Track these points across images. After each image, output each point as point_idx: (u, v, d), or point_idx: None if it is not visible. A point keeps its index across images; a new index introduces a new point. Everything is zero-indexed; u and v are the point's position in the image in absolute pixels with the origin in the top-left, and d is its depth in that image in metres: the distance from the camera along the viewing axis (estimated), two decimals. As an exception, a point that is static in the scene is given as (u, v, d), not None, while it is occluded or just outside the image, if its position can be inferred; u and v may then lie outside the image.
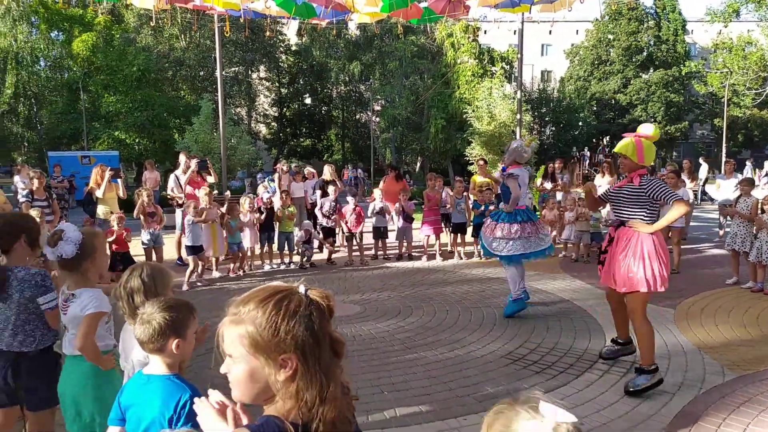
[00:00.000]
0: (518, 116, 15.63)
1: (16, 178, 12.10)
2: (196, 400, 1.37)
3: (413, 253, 9.87)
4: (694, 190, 12.90)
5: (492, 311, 6.31)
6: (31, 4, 28.86)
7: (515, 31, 17.23)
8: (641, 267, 4.02)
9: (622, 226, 4.27)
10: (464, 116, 25.13)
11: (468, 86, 28.28)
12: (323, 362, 1.20)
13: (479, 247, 9.76)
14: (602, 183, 10.08)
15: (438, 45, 32.45)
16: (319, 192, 10.21)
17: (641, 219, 4.14)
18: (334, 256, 9.59)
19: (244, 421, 1.28)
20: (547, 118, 39.76)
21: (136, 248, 8.21)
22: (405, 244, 9.85)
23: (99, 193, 8.31)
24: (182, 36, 31.74)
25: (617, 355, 4.68)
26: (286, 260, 9.32)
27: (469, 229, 10.07)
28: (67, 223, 2.78)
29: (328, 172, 10.45)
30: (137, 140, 27.28)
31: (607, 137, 42.18)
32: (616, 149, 4.32)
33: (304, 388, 1.18)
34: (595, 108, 42.51)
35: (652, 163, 4.43)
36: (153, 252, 8.27)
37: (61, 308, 2.71)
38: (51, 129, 30.16)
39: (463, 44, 29.40)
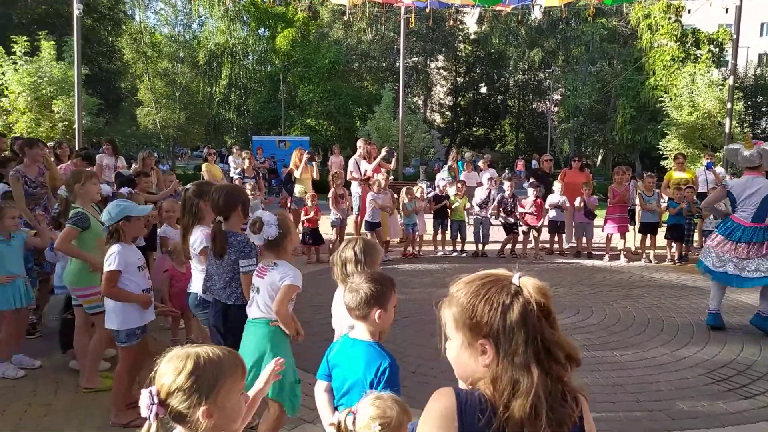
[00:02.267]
0: (729, 105, 13.66)
1: (230, 159, 13.97)
2: None
3: (593, 252, 9.25)
4: None
5: (689, 322, 5.65)
6: (244, 4, 32.80)
7: (727, 9, 14.93)
8: None
9: None
10: (659, 105, 22.72)
11: (665, 72, 25.45)
12: (520, 356, 1.15)
13: (673, 250, 8.85)
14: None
15: (632, 27, 29.69)
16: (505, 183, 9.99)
17: None
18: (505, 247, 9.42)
19: None
20: (763, 109, 34.12)
21: (325, 226, 8.92)
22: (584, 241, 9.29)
23: (297, 174, 9.22)
24: (369, 29, 33.51)
25: None
26: (458, 247, 9.38)
27: (662, 230, 9.11)
28: (261, 211, 3.08)
29: (544, 160, 10.39)
30: (325, 127, 29.64)
31: None
32: None
33: (497, 377, 1.16)
34: (830, 97, 35.29)
35: None
36: (339, 230, 8.93)
37: (258, 273, 3.01)
38: (255, 116, 34.15)
39: (663, 26, 26.49)
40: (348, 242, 2.62)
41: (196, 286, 3.63)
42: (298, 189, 9.26)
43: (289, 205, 9.54)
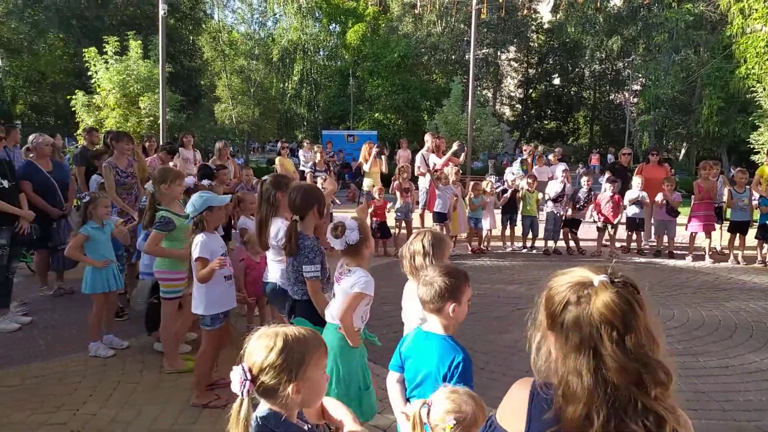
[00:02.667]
0: (834, 95, 12.47)
1: (300, 152, 14.33)
2: None
3: (674, 251, 8.75)
4: None
5: (782, 329, 5.25)
6: (317, 0, 33.37)
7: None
8: None
9: None
10: (750, 96, 21.11)
11: (759, 60, 23.48)
12: (572, 360, 1.14)
13: (764, 251, 8.23)
14: None
15: (721, 12, 27.66)
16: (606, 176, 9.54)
17: None
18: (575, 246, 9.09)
19: None
20: None
21: (392, 219, 8.97)
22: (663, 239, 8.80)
23: (366, 167, 9.34)
24: (439, 21, 33.24)
25: None
26: (528, 244, 9.15)
27: (752, 230, 8.48)
28: (341, 215, 3.09)
29: (622, 154, 10.03)
30: (393, 121, 29.74)
31: None
32: None
33: (554, 372, 1.18)
34: None
35: None
36: (403, 223, 8.96)
37: (337, 279, 3.01)
38: (325, 110, 34.79)
39: (757, 9, 24.46)
40: (417, 235, 2.63)
41: (273, 275, 3.73)
42: (367, 182, 9.38)
43: (358, 198, 9.70)
